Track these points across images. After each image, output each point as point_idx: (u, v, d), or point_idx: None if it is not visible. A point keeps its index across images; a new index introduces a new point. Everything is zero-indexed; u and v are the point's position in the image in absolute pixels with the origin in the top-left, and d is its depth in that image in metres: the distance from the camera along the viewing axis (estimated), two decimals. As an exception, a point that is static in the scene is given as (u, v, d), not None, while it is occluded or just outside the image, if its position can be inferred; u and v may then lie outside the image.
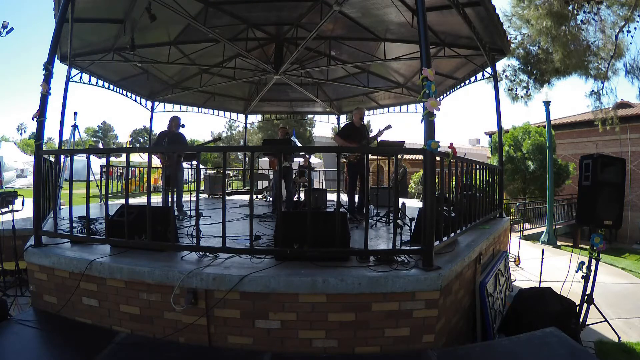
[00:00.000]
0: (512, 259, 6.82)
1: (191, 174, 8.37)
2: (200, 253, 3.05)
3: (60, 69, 6.78)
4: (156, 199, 5.49)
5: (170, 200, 5.39)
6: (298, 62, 8.25)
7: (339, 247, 2.91)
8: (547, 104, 10.03)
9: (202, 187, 10.00)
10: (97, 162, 14.67)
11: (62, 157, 5.13)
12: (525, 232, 11.22)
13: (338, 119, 12.37)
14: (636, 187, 15.38)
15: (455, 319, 3.17)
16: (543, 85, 9.81)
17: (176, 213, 5.23)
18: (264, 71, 8.09)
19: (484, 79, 7.24)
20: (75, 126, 7.03)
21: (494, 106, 6.33)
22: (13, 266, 4.30)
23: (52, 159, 4.54)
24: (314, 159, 18.40)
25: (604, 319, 3.89)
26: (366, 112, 9.26)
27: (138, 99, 9.62)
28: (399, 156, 5.08)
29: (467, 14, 5.11)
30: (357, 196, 6.15)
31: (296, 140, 8.03)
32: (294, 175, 7.13)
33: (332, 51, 8.02)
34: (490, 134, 18.38)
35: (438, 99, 2.82)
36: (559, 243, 10.37)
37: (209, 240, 3.58)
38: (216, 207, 5.97)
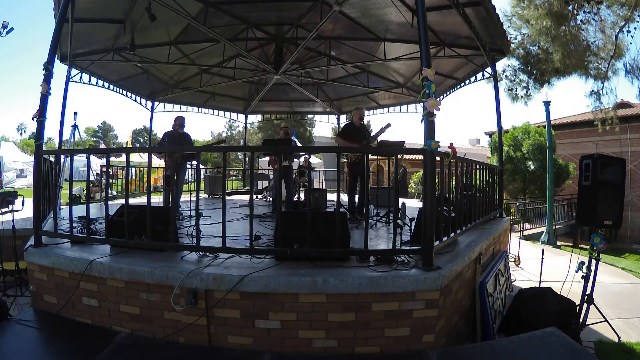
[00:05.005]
0: (512, 259, 6.82)
1: (191, 174, 8.38)
2: (200, 253, 3.05)
3: (60, 69, 6.79)
4: (156, 199, 5.49)
5: (169, 200, 5.38)
6: (298, 62, 8.25)
7: (339, 247, 2.91)
8: (547, 104, 10.03)
9: (201, 187, 9.99)
10: (97, 162, 14.65)
11: (62, 157, 5.13)
12: (525, 232, 11.22)
13: (338, 119, 12.36)
14: (636, 187, 15.38)
15: (455, 319, 3.16)
16: (543, 85, 9.81)
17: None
18: (264, 71, 8.09)
19: (484, 79, 7.24)
20: (75, 126, 7.03)
21: (494, 106, 6.33)
22: (13, 266, 4.30)
23: (52, 159, 4.54)
24: (314, 159, 18.39)
25: (604, 319, 3.89)
26: (366, 112, 9.27)
27: (138, 99, 9.62)
28: (399, 156, 5.08)
29: (467, 14, 5.11)
30: (357, 196, 6.15)
31: (296, 140, 8.03)
32: (294, 175, 7.13)
33: (332, 51, 8.02)
34: (490, 134, 18.39)
35: (438, 99, 2.82)
36: (559, 243, 10.37)
37: (209, 240, 3.58)
38: (216, 207, 5.97)
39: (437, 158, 2.98)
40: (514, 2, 9.31)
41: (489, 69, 6.57)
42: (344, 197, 6.31)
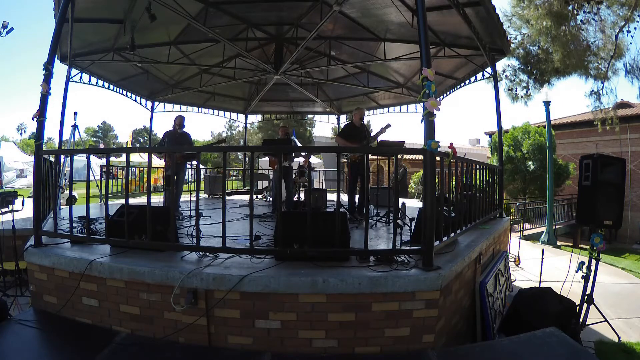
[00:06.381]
0: (512, 259, 6.82)
1: (191, 174, 8.38)
2: (200, 253, 3.05)
3: (60, 69, 6.80)
4: (157, 199, 5.49)
5: (169, 200, 5.38)
6: (298, 62, 8.25)
7: (339, 247, 2.91)
8: (547, 104, 10.03)
9: (201, 187, 9.98)
10: (97, 163, 14.65)
11: (62, 157, 5.13)
12: (525, 232, 11.22)
13: (338, 119, 12.37)
14: (636, 187, 15.38)
15: (455, 319, 3.16)
16: (543, 85, 9.82)
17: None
18: (264, 71, 8.09)
19: (484, 79, 7.24)
20: (75, 126, 7.04)
21: (494, 106, 6.33)
22: (13, 266, 4.30)
23: (52, 159, 4.54)
24: (314, 159, 18.40)
25: (604, 319, 3.89)
26: (366, 112, 9.26)
27: (138, 99, 9.63)
28: (399, 156, 5.08)
29: (467, 14, 5.11)
30: (357, 196, 6.15)
31: (296, 140, 8.03)
32: (294, 175, 7.13)
33: (332, 51, 8.02)
34: (490, 134, 18.39)
35: (438, 99, 2.82)
36: (559, 243, 10.37)
37: (209, 240, 3.58)
38: (216, 207, 5.97)
39: (437, 158, 2.98)
40: (514, 2, 9.32)
41: (489, 69, 6.57)
42: (344, 197, 6.31)
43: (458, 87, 8.20)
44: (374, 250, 3.22)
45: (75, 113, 7.06)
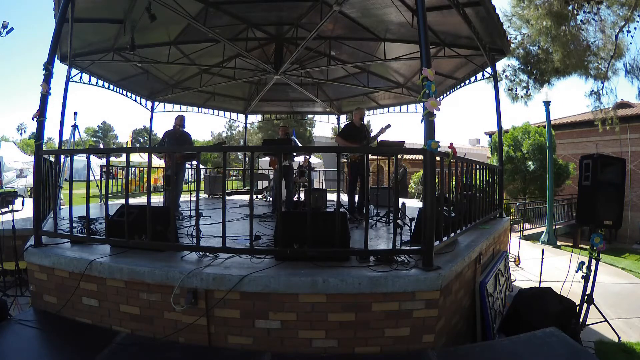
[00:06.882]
0: (512, 259, 6.82)
1: (191, 174, 8.38)
2: (200, 253, 3.05)
3: (60, 69, 6.80)
4: (157, 199, 5.49)
5: (169, 200, 5.38)
6: (298, 62, 8.25)
7: (339, 247, 2.91)
8: (547, 104, 10.03)
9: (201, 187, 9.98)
10: (97, 163, 14.64)
11: (62, 157, 5.13)
12: (525, 232, 11.22)
13: (338, 119, 12.37)
14: (636, 187, 15.38)
15: (455, 319, 3.17)
16: (543, 85, 9.82)
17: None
18: (264, 71, 8.09)
19: (484, 79, 7.24)
20: (75, 126, 7.03)
21: (494, 106, 6.34)
22: (13, 266, 4.30)
23: (52, 159, 4.54)
24: (314, 159, 18.39)
25: (604, 319, 3.89)
26: (366, 112, 9.26)
27: (138, 99, 9.63)
28: (399, 156, 5.09)
29: (467, 14, 5.11)
30: (357, 196, 6.15)
31: (296, 140, 8.03)
32: (294, 175, 7.13)
33: (332, 51, 8.02)
34: (490, 134, 18.39)
35: (438, 99, 2.82)
36: (559, 243, 10.37)
37: (209, 240, 3.58)
38: (216, 207, 5.97)
39: (437, 158, 2.98)
40: (514, 2, 9.33)
41: (489, 69, 6.57)
42: (344, 197, 6.31)
43: (458, 87, 8.20)
44: (374, 250, 3.22)
45: (75, 113, 7.05)
